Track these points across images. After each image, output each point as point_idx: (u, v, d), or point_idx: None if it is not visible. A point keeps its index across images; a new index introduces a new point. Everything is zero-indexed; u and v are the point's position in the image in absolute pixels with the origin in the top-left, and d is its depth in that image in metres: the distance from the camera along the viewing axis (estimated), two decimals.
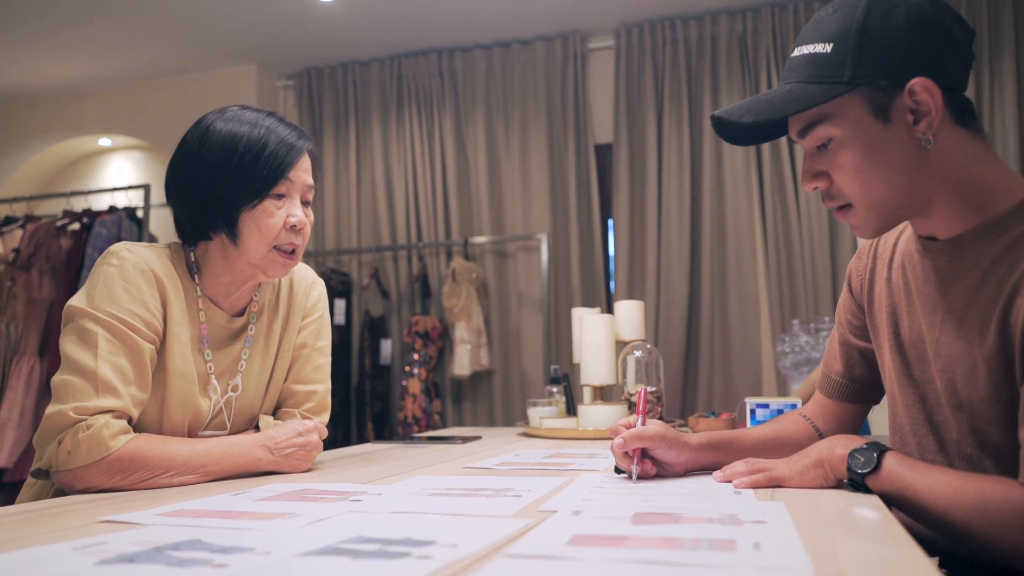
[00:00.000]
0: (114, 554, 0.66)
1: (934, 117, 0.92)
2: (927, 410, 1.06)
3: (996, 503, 0.83)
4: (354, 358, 4.42)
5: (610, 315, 2.20)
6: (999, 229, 0.94)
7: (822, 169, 1.00)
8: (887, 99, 0.93)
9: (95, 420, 1.11)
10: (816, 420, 1.28)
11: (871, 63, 0.92)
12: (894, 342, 1.10)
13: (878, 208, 0.98)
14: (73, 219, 4.06)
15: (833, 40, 0.94)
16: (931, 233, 1.02)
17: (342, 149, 4.65)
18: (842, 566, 0.60)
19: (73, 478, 1.11)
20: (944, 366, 1.00)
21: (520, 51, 4.39)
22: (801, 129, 1.00)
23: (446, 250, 4.40)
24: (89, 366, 1.13)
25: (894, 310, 1.11)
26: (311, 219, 1.32)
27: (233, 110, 1.29)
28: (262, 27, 4.20)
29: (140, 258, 1.23)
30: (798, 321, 3.47)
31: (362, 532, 0.74)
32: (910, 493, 0.90)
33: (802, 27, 4.05)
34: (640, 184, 4.13)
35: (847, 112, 0.95)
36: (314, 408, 1.43)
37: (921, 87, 0.91)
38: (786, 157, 3.90)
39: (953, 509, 0.86)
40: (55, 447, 1.11)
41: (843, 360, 1.25)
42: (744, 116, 0.99)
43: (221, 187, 1.23)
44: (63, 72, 4.75)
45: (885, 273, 1.14)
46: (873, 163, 0.95)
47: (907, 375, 1.08)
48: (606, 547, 0.67)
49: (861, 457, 0.94)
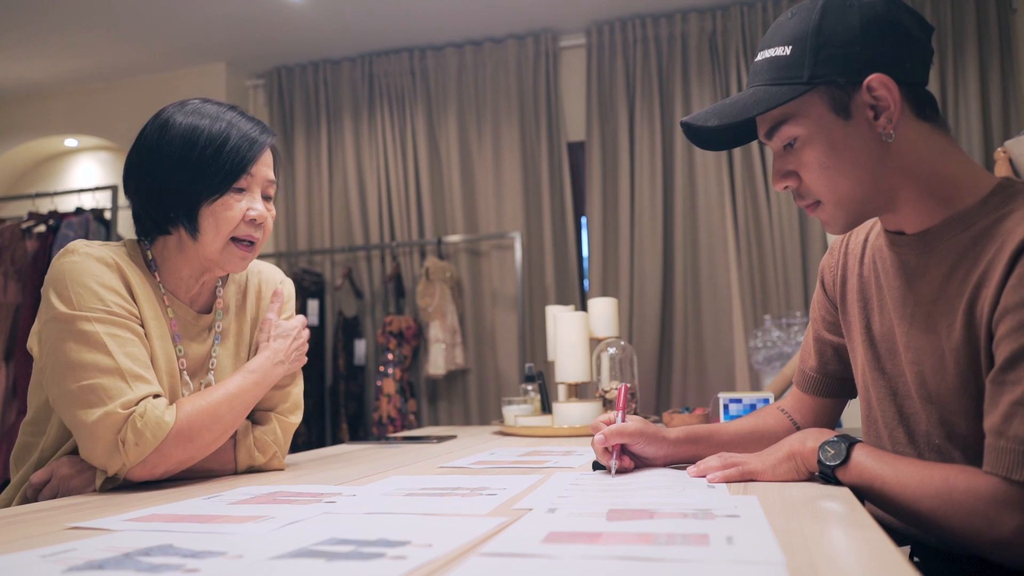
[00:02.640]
0: (83, 561, 0.65)
1: (893, 112, 0.94)
2: (897, 403, 1.07)
3: (960, 491, 0.85)
4: (328, 359, 4.39)
5: (584, 313, 2.20)
6: (966, 222, 0.96)
7: (790, 169, 1.02)
8: (846, 96, 0.96)
9: (142, 407, 1.13)
10: (794, 414, 1.30)
11: (828, 62, 0.95)
12: (866, 336, 1.12)
13: (845, 204, 1.00)
14: (39, 221, 3.98)
15: (792, 43, 0.97)
16: (899, 228, 1.03)
17: (313, 149, 4.62)
18: (813, 558, 0.61)
19: (150, 467, 1.14)
20: (913, 358, 1.02)
21: (492, 49, 4.38)
22: (767, 131, 1.02)
23: (419, 249, 4.38)
24: (108, 364, 1.13)
25: (865, 304, 1.12)
26: (272, 213, 1.31)
27: (193, 103, 1.27)
28: (231, 25, 4.15)
29: (99, 251, 1.22)
30: (770, 316, 3.51)
31: (336, 534, 0.74)
32: (878, 484, 0.91)
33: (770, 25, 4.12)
34: (613, 182, 4.15)
35: (809, 111, 0.98)
36: (288, 408, 1.42)
37: (878, 83, 0.94)
38: (757, 155, 3.93)
39: (919, 498, 0.88)
40: (120, 447, 1.11)
41: (817, 356, 1.27)
42: (710, 120, 1.01)
43: (181, 181, 1.22)
44: (28, 71, 4.66)
45: (856, 268, 1.15)
46: (837, 159, 0.98)
47: (879, 368, 1.10)
48: (581, 544, 0.67)
49: (831, 450, 0.96)
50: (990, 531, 0.83)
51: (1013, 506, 0.82)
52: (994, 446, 0.85)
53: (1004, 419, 0.84)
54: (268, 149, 1.29)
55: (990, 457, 0.85)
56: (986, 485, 0.84)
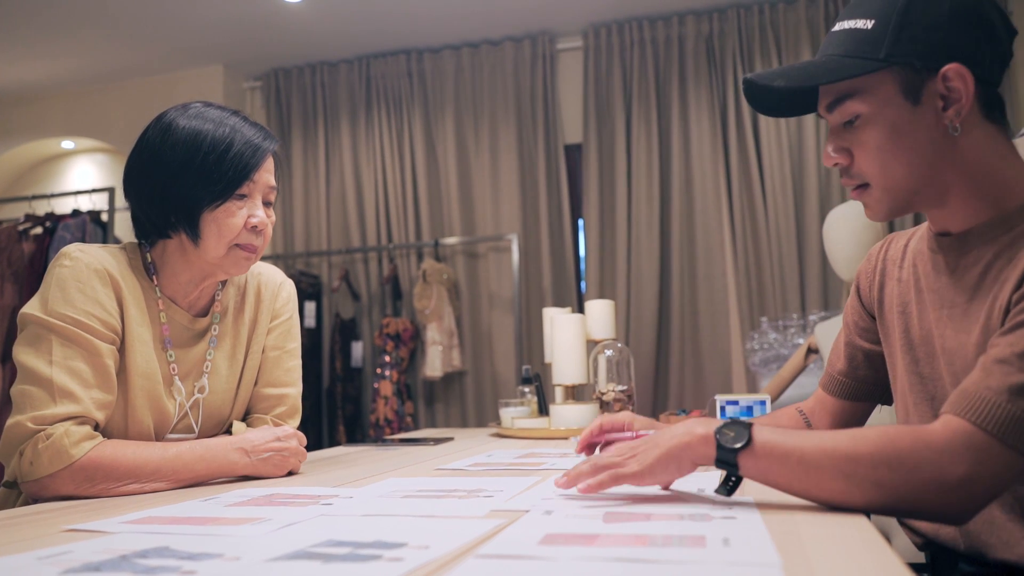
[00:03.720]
0: (80, 563, 0.65)
1: (964, 105, 0.92)
2: (935, 407, 1.04)
3: (906, 442, 0.80)
4: (325, 361, 4.39)
5: (581, 315, 2.20)
6: (1007, 224, 0.94)
7: (845, 146, 0.99)
8: (920, 81, 0.93)
9: (54, 429, 1.08)
10: (811, 415, 1.28)
11: (909, 43, 0.92)
12: (904, 340, 1.09)
13: (894, 191, 0.97)
14: (35, 223, 3.98)
15: (875, 17, 0.94)
16: (945, 227, 1.01)
17: (311, 151, 4.61)
18: (810, 559, 0.61)
19: (40, 488, 1.09)
20: (949, 360, 0.99)
21: (489, 52, 4.39)
22: (830, 103, 0.99)
23: (417, 251, 4.38)
24: (44, 373, 1.11)
25: (905, 308, 1.10)
26: (272, 219, 1.30)
27: (196, 107, 1.26)
28: (228, 27, 4.15)
29: (93, 258, 1.20)
30: (767, 318, 3.51)
31: (333, 536, 0.74)
32: (795, 459, 0.82)
33: (767, 27, 4.10)
34: (610, 184, 4.16)
35: (877, 89, 0.95)
36: (286, 412, 1.42)
37: (955, 73, 0.91)
38: (753, 156, 3.94)
39: (855, 460, 0.80)
40: (17, 459, 1.09)
41: (847, 360, 1.24)
42: (776, 81, 0.98)
43: (182, 186, 1.21)
44: (25, 73, 4.65)
45: (896, 273, 1.13)
46: (896, 144, 0.95)
47: (916, 373, 1.07)
48: (578, 546, 0.67)
49: (730, 432, 0.86)
50: (939, 477, 0.79)
51: (969, 451, 0.79)
52: (964, 390, 0.83)
53: (984, 371, 0.83)
54: (271, 155, 1.29)
55: (959, 400, 0.82)
56: (943, 427, 0.81)
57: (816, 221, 3.84)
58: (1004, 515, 0.97)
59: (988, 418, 0.80)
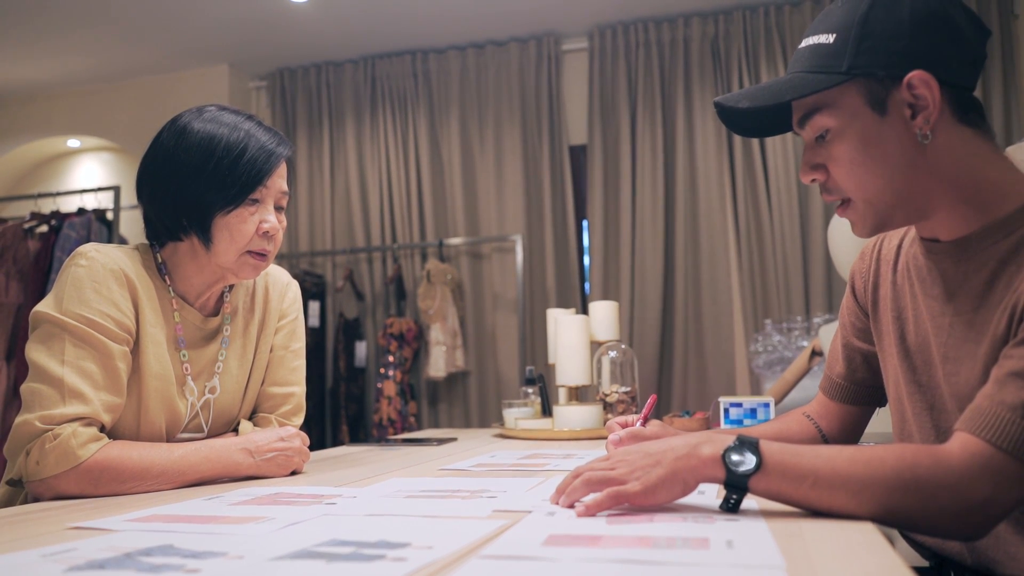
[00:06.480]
0: (84, 561, 0.65)
1: (931, 112, 0.90)
2: (934, 417, 1.03)
3: (925, 465, 0.79)
4: (328, 360, 4.39)
5: (585, 316, 2.20)
6: (1005, 229, 0.92)
7: (819, 162, 0.99)
8: (884, 91, 0.92)
9: (62, 429, 1.08)
10: (819, 420, 1.26)
11: (870, 54, 0.91)
12: (900, 347, 1.07)
13: (874, 204, 0.96)
14: (41, 221, 3.99)
15: (836, 31, 0.94)
16: (934, 235, 0.99)
17: (316, 150, 4.62)
18: (813, 562, 0.61)
19: (45, 488, 1.09)
20: (952, 370, 0.97)
21: (494, 53, 4.39)
22: (800, 118, 0.99)
23: (421, 252, 4.38)
24: (55, 373, 1.11)
25: (899, 314, 1.08)
26: (284, 225, 1.30)
27: (211, 110, 1.26)
28: (234, 27, 4.16)
29: (109, 258, 1.20)
30: (771, 321, 3.51)
31: (337, 535, 0.74)
32: (810, 481, 0.80)
33: (772, 29, 4.10)
34: (614, 185, 4.15)
35: (844, 102, 0.94)
36: (291, 411, 1.42)
37: (919, 80, 0.90)
38: (758, 158, 3.94)
39: (870, 482, 0.78)
40: (23, 458, 1.09)
41: (845, 362, 1.22)
42: (741, 102, 0.98)
43: (196, 190, 1.21)
44: (31, 72, 4.67)
45: (890, 275, 1.11)
46: (868, 156, 0.94)
47: (914, 381, 1.05)
48: (581, 547, 0.67)
49: (736, 456, 0.81)
50: (958, 502, 0.78)
51: (988, 473, 0.78)
52: (980, 407, 0.81)
53: (998, 385, 0.81)
54: (284, 161, 1.28)
55: (975, 417, 0.81)
56: (961, 449, 0.79)
57: (821, 223, 3.83)
58: (1011, 530, 0.96)
59: (1004, 436, 0.78)
